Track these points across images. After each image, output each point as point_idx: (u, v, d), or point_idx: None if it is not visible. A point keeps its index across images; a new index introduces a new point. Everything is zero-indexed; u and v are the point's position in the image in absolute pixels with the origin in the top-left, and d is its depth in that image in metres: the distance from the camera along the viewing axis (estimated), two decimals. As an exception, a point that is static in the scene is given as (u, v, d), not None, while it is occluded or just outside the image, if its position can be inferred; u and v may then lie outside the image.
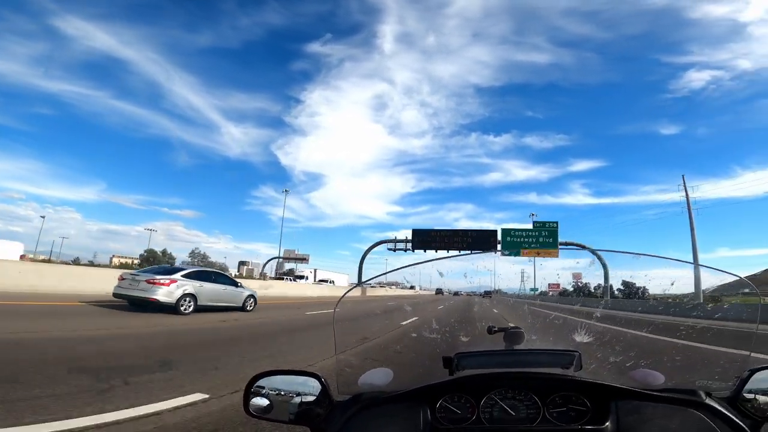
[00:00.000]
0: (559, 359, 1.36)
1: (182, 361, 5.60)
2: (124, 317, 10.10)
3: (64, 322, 8.44)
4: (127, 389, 4.05)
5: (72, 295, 13.30)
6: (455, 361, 1.35)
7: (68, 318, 9.13)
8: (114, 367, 5.00)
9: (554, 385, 1.17)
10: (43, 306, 10.63)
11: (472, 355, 1.41)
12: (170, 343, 7.39)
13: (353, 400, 1.19)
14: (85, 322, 8.90)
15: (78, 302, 11.80)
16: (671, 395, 1.10)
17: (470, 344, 1.90)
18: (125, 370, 4.72)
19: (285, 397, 1.21)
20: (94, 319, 9.49)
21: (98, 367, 4.88)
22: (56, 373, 4.39)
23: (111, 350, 6.20)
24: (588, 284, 2.55)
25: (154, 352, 6.34)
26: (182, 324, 9.90)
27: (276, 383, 1.24)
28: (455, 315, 8.38)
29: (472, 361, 1.37)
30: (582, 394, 1.14)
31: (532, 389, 1.17)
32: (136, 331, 8.39)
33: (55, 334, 7.06)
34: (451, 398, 1.18)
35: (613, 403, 1.09)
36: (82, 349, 6.01)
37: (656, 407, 1.08)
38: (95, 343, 6.60)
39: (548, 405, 1.14)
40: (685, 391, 1.13)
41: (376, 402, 1.17)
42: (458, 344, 1.90)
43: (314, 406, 1.18)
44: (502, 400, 1.16)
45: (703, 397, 1.10)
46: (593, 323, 1.85)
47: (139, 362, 5.42)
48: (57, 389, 3.81)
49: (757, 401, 1.11)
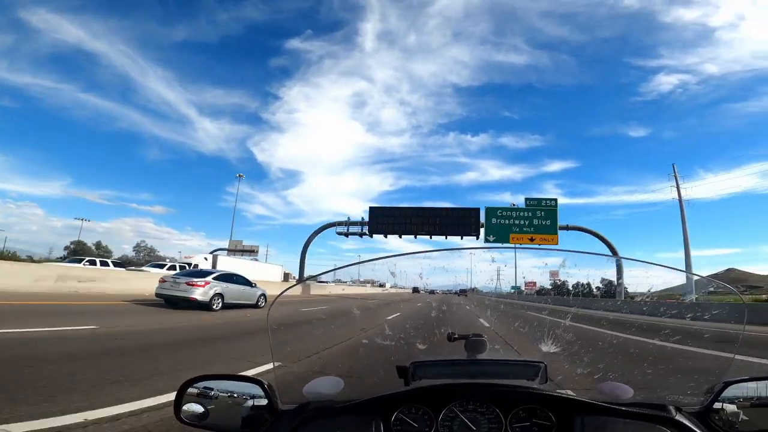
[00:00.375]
0: (523, 370, 1.29)
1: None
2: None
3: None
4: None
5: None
6: (411, 371, 1.28)
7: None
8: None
9: (518, 398, 1.10)
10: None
11: (430, 365, 1.34)
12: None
13: (300, 409, 1.11)
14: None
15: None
16: (639, 410, 1.05)
17: (428, 352, 1.76)
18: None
19: (224, 404, 1.12)
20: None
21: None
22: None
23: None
24: (566, 282, 2.50)
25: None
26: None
27: (214, 388, 1.14)
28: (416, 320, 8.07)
29: (429, 370, 1.30)
30: (547, 408, 1.08)
31: (495, 402, 1.10)
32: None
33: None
34: (408, 410, 1.10)
35: (578, 417, 1.03)
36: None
37: (624, 423, 1.02)
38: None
39: (511, 419, 1.08)
40: (654, 405, 1.08)
41: (324, 412, 1.10)
42: (415, 352, 1.75)
43: (257, 415, 1.09)
44: (462, 413, 1.09)
45: (672, 413, 1.05)
46: (561, 333, 1.71)
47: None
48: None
49: (731, 416, 1.07)
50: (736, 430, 1.05)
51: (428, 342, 1.79)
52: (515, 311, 6.84)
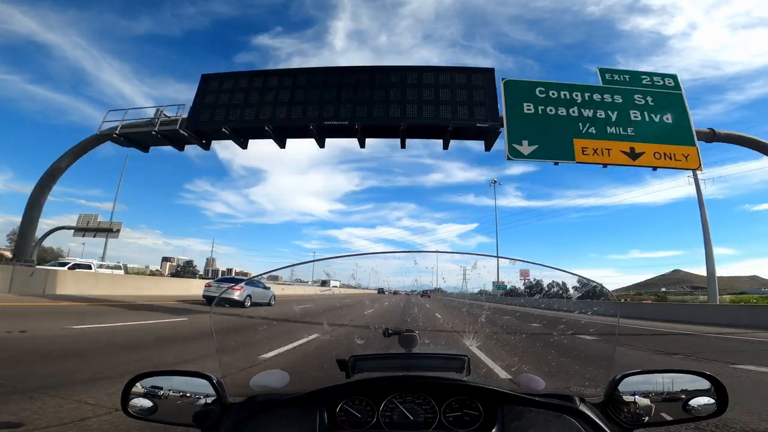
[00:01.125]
0: (450, 363, 1.40)
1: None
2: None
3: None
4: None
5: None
6: (351, 363, 1.36)
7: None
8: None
9: (449, 390, 1.17)
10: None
11: (368, 358, 1.41)
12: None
13: (247, 402, 1.15)
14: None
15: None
16: (550, 401, 1.13)
17: (365, 347, 1.88)
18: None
19: (172, 398, 1.13)
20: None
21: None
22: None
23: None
24: (540, 281, 2.66)
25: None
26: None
27: (162, 383, 1.15)
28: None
29: (367, 364, 1.38)
30: (475, 399, 1.15)
31: (430, 393, 1.16)
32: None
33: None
34: (352, 401, 1.16)
35: (500, 408, 1.11)
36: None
37: (537, 413, 1.11)
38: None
39: (445, 409, 1.14)
40: (562, 396, 1.16)
41: (272, 404, 1.14)
42: (353, 347, 1.86)
43: (205, 408, 1.12)
44: (401, 404, 1.15)
45: (577, 403, 1.13)
46: (479, 329, 1.90)
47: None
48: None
49: (628, 406, 1.13)
50: (632, 420, 1.11)
51: (366, 338, 1.93)
52: (460, 310, 7.66)
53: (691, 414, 1.13)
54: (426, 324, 5.49)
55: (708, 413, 1.12)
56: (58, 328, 7.32)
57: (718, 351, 8.19)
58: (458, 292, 9.78)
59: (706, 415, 1.13)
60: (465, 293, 4.05)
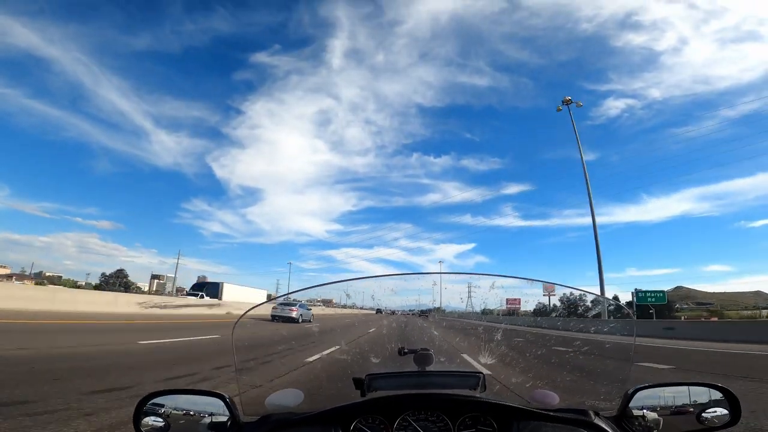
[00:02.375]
0: (465, 381, 1.42)
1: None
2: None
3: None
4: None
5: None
6: (366, 382, 1.36)
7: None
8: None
9: (463, 407, 1.19)
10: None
11: (383, 377, 1.42)
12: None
13: (261, 421, 1.14)
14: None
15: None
16: (565, 415, 1.16)
17: (381, 366, 1.90)
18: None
19: (185, 418, 1.12)
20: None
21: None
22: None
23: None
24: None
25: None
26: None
27: (175, 403, 1.14)
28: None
29: (383, 382, 1.39)
30: (489, 415, 1.17)
31: (443, 410, 1.18)
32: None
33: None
34: (365, 420, 1.16)
35: (515, 423, 1.12)
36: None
37: (552, 427, 1.12)
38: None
39: (459, 426, 1.16)
40: (576, 411, 1.19)
41: (286, 424, 1.13)
42: (369, 365, 1.89)
43: (219, 428, 1.11)
44: (415, 422, 1.16)
45: (591, 417, 1.15)
46: (494, 347, 1.93)
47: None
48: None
49: (642, 420, 1.16)
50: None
51: (381, 356, 1.96)
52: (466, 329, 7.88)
53: (704, 425, 1.15)
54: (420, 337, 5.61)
55: (722, 423, 1.15)
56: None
57: None
58: (460, 312, 9.85)
59: (720, 425, 1.15)
60: (467, 313, 4.05)
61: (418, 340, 2.57)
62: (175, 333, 11.71)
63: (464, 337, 4.03)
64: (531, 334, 10.37)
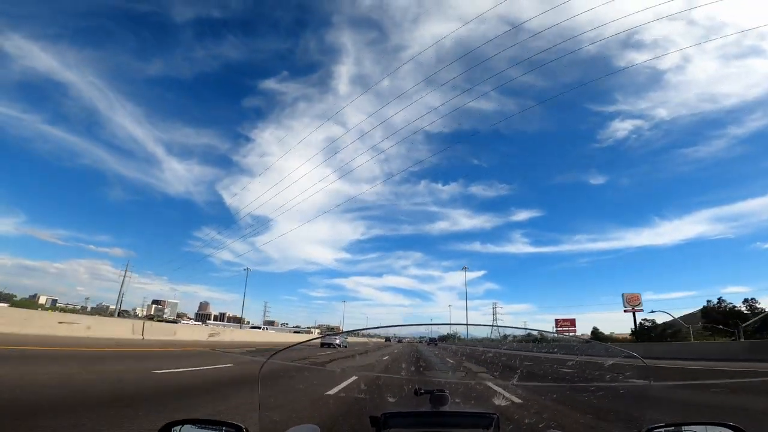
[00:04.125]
0: (479, 421, 1.45)
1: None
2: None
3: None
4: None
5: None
6: (382, 421, 1.40)
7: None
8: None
9: None
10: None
11: (399, 416, 1.45)
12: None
13: None
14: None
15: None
16: None
17: (397, 405, 1.94)
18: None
19: None
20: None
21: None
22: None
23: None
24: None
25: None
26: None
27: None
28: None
29: (398, 421, 1.42)
30: None
31: None
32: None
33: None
34: None
35: None
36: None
37: None
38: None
39: None
40: None
41: None
42: (385, 404, 1.94)
43: None
44: None
45: None
46: (511, 387, 1.98)
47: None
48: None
49: None
50: None
51: (397, 396, 2.02)
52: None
53: None
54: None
55: None
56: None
57: None
58: (468, 340, 9.64)
59: None
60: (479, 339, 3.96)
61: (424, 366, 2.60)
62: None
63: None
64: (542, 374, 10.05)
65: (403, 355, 14.42)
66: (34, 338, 12.76)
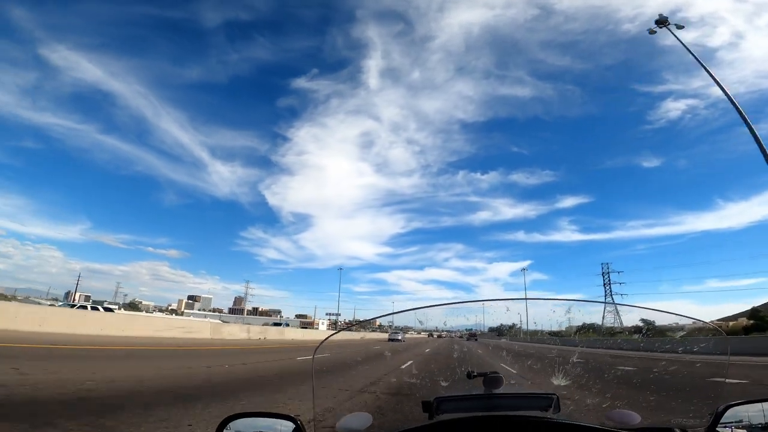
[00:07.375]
0: (537, 402, 1.40)
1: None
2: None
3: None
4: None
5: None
6: (435, 405, 1.38)
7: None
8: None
9: (533, 428, 1.16)
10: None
11: (452, 399, 1.43)
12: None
13: None
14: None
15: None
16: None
17: (450, 389, 1.92)
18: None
19: None
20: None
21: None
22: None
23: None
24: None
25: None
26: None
27: (249, 425, 1.21)
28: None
29: (451, 405, 1.40)
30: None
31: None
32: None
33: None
34: None
35: None
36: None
37: None
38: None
39: None
40: (660, 429, 1.18)
41: None
42: (438, 388, 1.91)
43: None
44: None
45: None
46: (569, 368, 1.88)
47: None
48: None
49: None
50: None
51: (450, 380, 1.98)
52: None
53: None
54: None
55: None
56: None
57: None
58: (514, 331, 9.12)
59: None
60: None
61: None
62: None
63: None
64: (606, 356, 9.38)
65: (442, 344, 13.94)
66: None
